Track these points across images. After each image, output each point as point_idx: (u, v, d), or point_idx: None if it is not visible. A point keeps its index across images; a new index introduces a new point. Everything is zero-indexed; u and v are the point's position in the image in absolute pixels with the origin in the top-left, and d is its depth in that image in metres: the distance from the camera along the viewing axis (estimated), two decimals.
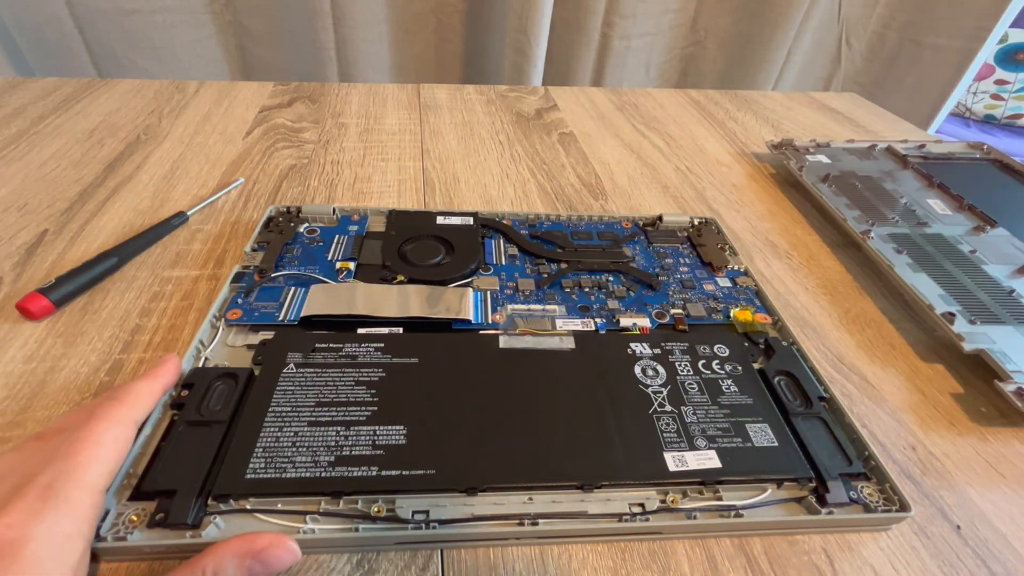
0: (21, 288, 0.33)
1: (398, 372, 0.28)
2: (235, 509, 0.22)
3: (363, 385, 0.27)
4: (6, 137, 0.48)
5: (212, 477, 0.22)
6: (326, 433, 0.24)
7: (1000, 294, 0.36)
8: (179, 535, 0.21)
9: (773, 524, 0.24)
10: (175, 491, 0.22)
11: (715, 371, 0.29)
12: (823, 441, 0.26)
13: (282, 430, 0.24)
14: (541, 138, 0.57)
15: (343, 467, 0.23)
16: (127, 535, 0.21)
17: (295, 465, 0.23)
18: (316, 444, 0.24)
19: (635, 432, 0.26)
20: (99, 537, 0.20)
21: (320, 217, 0.39)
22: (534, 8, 0.89)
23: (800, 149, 0.54)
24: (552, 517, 0.23)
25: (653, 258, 0.39)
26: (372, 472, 0.23)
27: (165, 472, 0.22)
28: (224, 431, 0.24)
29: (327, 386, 0.26)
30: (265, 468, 0.23)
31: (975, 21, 0.96)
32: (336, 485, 0.22)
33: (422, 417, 0.25)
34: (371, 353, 0.28)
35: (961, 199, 0.46)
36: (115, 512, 0.21)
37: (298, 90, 0.63)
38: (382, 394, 0.26)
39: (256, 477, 0.22)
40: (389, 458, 0.23)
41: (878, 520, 0.24)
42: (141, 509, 0.21)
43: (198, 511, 0.21)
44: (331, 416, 0.25)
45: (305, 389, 0.26)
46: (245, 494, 0.22)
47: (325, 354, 0.28)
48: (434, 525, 0.22)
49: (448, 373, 0.28)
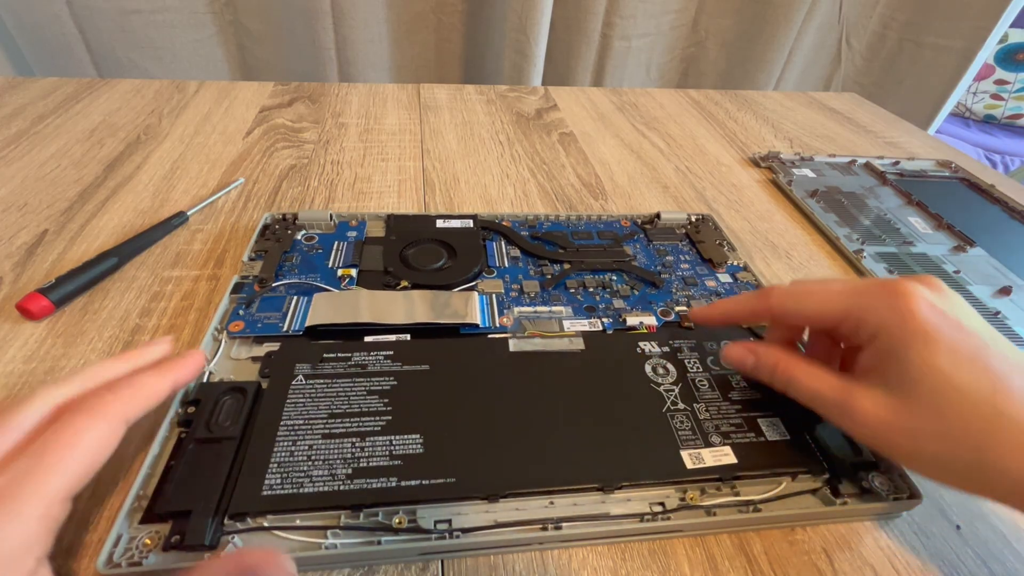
0: (21, 288, 0.33)
1: (410, 380, 0.27)
2: (253, 527, 0.21)
3: (375, 394, 0.26)
4: (6, 137, 0.48)
5: (227, 495, 0.22)
6: (341, 445, 0.24)
7: (986, 315, 0.37)
8: (197, 557, 0.20)
9: (790, 517, 0.24)
10: (190, 511, 0.21)
11: (724, 367, 0.29)
12: (833, 432, 0.26)
13: (296, 444, 0.24)
14: (541, 138, 0.57)
15: (361, 479, 0.23)
16: (142, 559, 0.20)
17: (312, 479, 0.22)
18: (332, 457, 0.23)
19: (650, 431, 0.26)
20: (112, 563, 0.20)
21: (317, 223, 0.39)
22: (534, 8, 0.89)
23: (786, 163, 0.55)
24: (575, 520, 0.22)
25: (654, 256, 0.39)
26: (392, 483, 0.22)
27: (178, 492, 0.21)
28: (236, 447, 0.23)
29: (338, 397, 0.26)
30: (281, 484, 0.22)
31: (975, 21, 0.96)
32: (356, 498, 0.22)
33: (438, 425, 0.25)
34: (381, 361, 0.28)
35: (940, 218, 0.47)
36: (128, 536, 0.21)
37: (298, 90, 0.63)
38: (395, 403, 0.26)
39: (273, 493, 0.22)
40: (407, 468, 0.23)
41: (890, 508, 0.24)
42: (155, 532, 0.21)
43: (215, 531, 0.21)
44: (345, 427, 0.25)
45: (316, 401, 0.26)
46: (262, 511, 0.21)
47: (334, 364, 0.28)
48: (457, 534, 0.22)
49: (460, 379, 0.28)
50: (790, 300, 0.25)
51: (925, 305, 0.21)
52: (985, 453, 0.19)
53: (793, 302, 0.25)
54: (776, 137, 0.62)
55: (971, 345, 0.20)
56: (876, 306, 0.22)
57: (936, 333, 0.21)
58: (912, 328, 0.21)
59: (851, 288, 0.23)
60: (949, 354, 0.20)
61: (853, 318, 0.23)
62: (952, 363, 0.20)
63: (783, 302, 0.25)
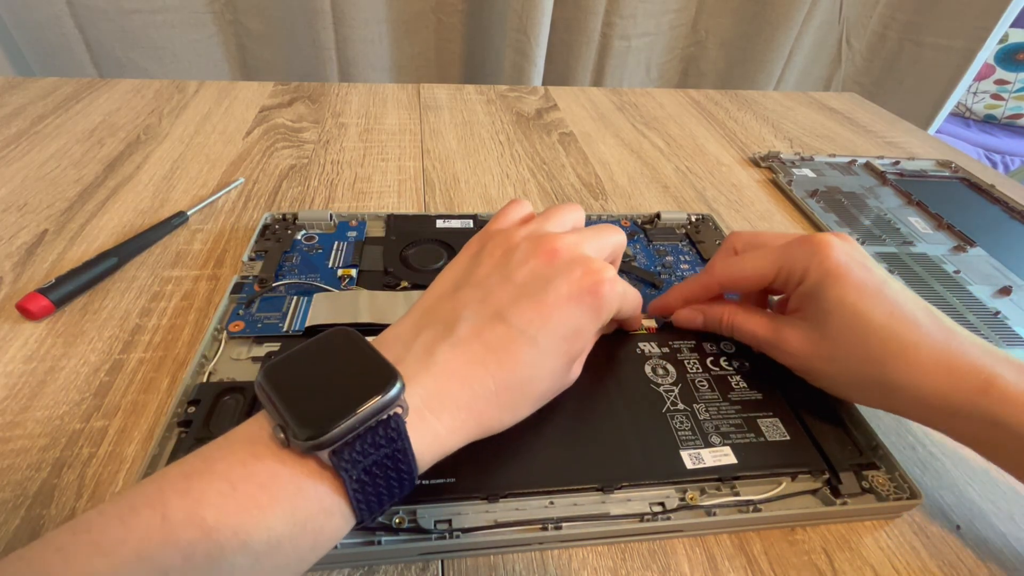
0: (21, 288, 0.33)
1: None
2: None
3: None
4: (6, 137, 0.48)
5: None
6: None
7: (986, 315, 0.37)
8: None
9: (790, 517, 0.24)
10: None
11: (723, 368, 0.29)
12: (832, 433, 0.26)
13: None
14: (541, 138, 0.57)
15: None
16: None
17: None
18: None
19: (650, 431, 0.26)
20: None
21: (317, 223, 0.39)
22: (534, 8, 0.89)
23: (786, 163, 0.55)
24: (575, 520, 0.22)
25: (654, 256, 0.39)
26: None
27: None
28: None
29: None
30: None
31: (975, 21, 0.96)
32: None
33: None
34: None
35: (940, 218, 0.47)
36: None
37: (298, 90, 0.63)
38: None
39: None
40: None
41: (890, 508, 0.24)
42: None
43: None
44: None
45: None
46: None
47: None
48: (457, 534, 0.22)
49: None
50: (729, 268, 0.28)
51: (837, 251, 0.25)
52: (886, 371, 0.23)
53: (734, 270, 0.28)
54: (776, 137, 0.62)
55: (873, 281, 0.24)
56: (798, 256, 0.26)
57: (846, 273, 0.24)
58: (826, 269, 0.25)
59: (777, 247, 0.27)
60: (855, 290, 0.24)
61: (784, 271, 0.26)
62: (857, 297, 0.24)
63: (724, 271, 0.29)
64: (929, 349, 0.22)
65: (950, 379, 0.22)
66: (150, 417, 0.26)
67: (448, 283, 0.24)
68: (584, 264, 0.23)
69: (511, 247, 0.24)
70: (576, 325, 0.23)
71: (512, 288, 0.22)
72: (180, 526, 0.15)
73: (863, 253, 0.26)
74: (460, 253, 0.26)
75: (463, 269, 0.25)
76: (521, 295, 0.22)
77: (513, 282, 0.23)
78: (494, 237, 0.25)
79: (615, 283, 0.23)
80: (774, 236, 0.28)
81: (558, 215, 0.27)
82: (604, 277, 0.23)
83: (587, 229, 0.26)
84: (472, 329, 0.21)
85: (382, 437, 0.17)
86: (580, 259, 0.23)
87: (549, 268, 0.23)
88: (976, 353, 0.22)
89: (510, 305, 0.22)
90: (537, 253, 0.23)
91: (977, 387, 0.21)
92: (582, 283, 0.22)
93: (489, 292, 0.22)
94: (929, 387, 0.22)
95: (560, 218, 0.26)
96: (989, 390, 0.21)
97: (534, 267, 0.23)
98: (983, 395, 0.21)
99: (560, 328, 0.22)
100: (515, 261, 0.23)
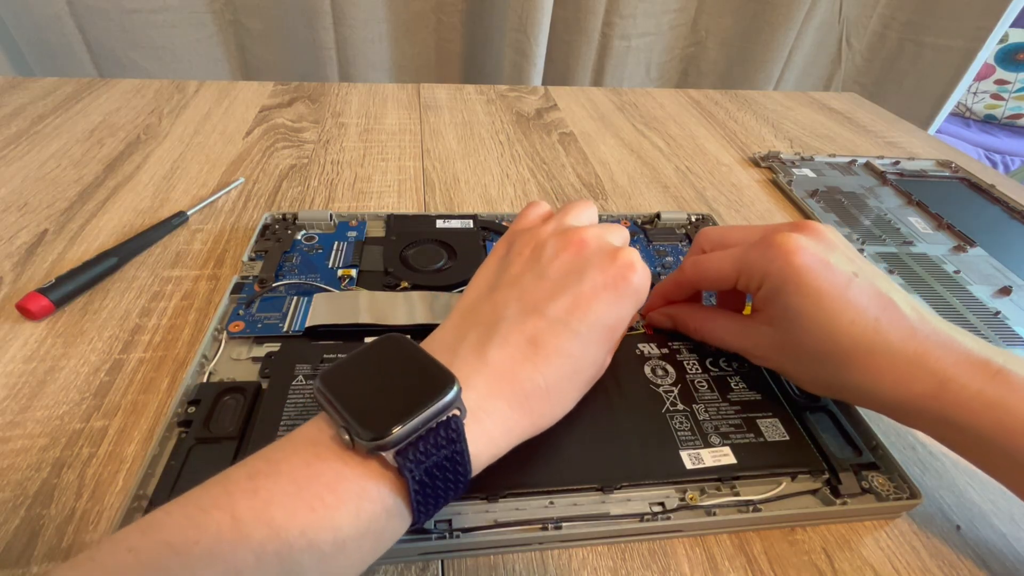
0: (21, 288, 0.33)
1: None
2: None
3: None
4: (6, 137, 0.48)
5: None
6: None
7: (987, 315, 0.37)
8: None
9: (790, 517, 0.24)
10: None
11: (723, 368, 0.29)
12: (832, 433, 0.26)
13: None
14: (541, 138, 0.57)
15: None
16: None
17: None
18: None
19: (650, 432, 0.26)
20: None
21: (317, 223, 0.38)
22: (534, 8, 0.89)
23: (786, 163, 0.55)
24: (575, 520, 0.22)
25: (654, 257, 0.39)
26: None
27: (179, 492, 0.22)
28: (236, 447, 0.23)
29: None
30: None
31: (975, 21, 0.96)
32: None
33: None
34: None
35: (940, 218, 0.47)
36: None
37: (298, 90, 0.63)
38: None
39: None
40: None
41: (890, 508, 0.24)
42: None
43: None
44: None
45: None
46: None
47: None
48: (457, 534, 0.22)
49: None
50: (695, 270, 0.29)
51: (796, 256, 0.24)
52: (844, 375, 0.24)
53: (699, 271, 0.28)
54: (776, 137, 0.62)
55: (836, 283, 0.23)
56: (758, 260, 0.25)
57: (805, 281, 0.23)
58: (784, 276, 0.24)
59: (737, 250, 0.27)
60: (814, 298, 0.23)
61: (744, 275, 0.26)
62: (816, 307, 0.23)
63: (690, 271, 0.29)
64: (884, 355, 0.22)
65: (904, 384, 0.22)
66: (150, 417, 0.26)
67: (483, 286, 0.24)
68: (613, 253, 0.24)
69: (539, 244, 0.25)
70: (615, 313, 0.23)
71: (548, 283, 0.23)
72: (250, 526, 0.15)
73: (829, 243, 0.25)
74: (489, 256, 0.26)
75: (495, 270, 0.25)
76: (557, 289, 0.23)
77: (548, 277, 0.23)
78: (521, 236, 0.26)
79: (645, 269, 0.24)
80: (742, 234, 0.28)
81: (576, 210, 0.27)
82: (635, 264, 0.24)
83: (603, 223, 0.27)
84: (515, 328, 0.22)
85: (443, 438, 0.17)
86: (609, 248, 0.24)
87: (580, 259, 0.24)
88: (936, 354, 0.22)
89: (548, 300, 0.22)
90: (567, 246, 0.24)
91: (929, 391, 0.22)
92: (616, 271, 0.23)
93: (525, 290, 0.23)
94: (885, 390, 0.23)
95: (578, 213, 0.27)
96: (941, 394, 0.22)
97: (565, 260, 0.24)
98: (934, 399, 0.22)
99: (601, 317, 0.23)
100: (546, 256, 0.24)
